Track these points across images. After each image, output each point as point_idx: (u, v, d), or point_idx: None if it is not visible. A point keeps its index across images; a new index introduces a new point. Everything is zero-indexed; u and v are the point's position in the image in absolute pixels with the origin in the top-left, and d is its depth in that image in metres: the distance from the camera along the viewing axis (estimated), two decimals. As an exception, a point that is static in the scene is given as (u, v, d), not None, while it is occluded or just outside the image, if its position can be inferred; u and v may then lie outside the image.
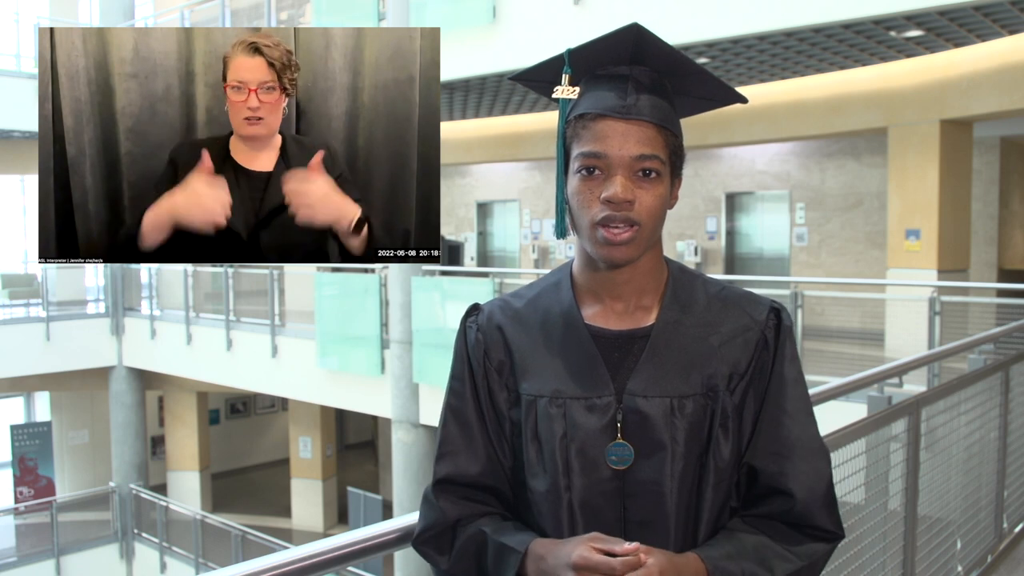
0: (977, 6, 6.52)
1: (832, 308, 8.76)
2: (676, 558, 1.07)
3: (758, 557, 1.12)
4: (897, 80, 8.83)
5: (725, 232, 12.52)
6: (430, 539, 1.21)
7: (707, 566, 1.08)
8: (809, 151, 11.58)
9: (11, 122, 12.79)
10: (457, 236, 15.33)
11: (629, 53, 1.16)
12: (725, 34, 7.16)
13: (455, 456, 1.21)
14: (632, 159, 1.12)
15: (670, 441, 1.14)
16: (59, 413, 15.74)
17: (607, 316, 1.20)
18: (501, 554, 1.13)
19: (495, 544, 1.15)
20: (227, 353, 11.62)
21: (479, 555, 1.17)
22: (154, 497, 13.02)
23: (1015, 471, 4.21)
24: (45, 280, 13.52)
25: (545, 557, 1.09)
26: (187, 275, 12.24)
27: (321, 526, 14.72)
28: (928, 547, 3.17)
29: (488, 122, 13.17)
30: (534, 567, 1.10)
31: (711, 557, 1.10)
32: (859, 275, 10.89)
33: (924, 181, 8.71)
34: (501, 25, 8.39)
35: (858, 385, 3.10)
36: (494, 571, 1.14)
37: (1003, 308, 7.12)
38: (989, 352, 4.72)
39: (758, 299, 1.24)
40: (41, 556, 12.37)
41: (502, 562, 1.13)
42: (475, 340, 1.24)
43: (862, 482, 2.63)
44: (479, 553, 1.17)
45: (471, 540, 1.18)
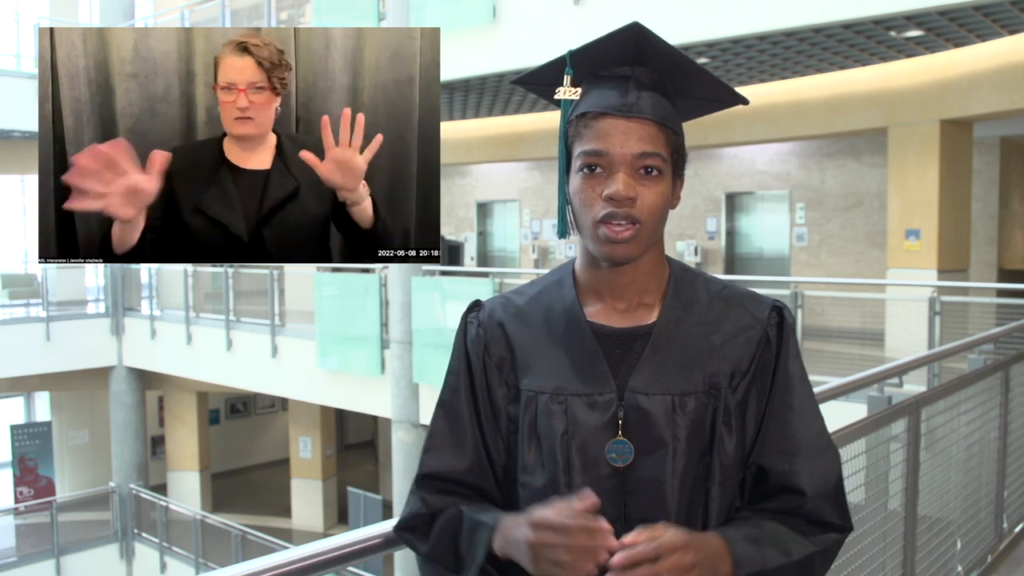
0: (977, 6, 6.52)
1: (832, 308, 8.76)
2: (696, 533, 1.07)
3: (775, 540, 1.12)
4: (897, 80, 8.83)
5: (725, 232, 12.52)
6: (411, 526, 1.23)
7: (729, 544, 1.09)
8: (809, 151, 11.58)
9: (11, 122, 12.79)
10: (457, 236, 15.33)
11: (630, 53, 1.16)
12: (725, 34, 7.16)
13: (442, 451, 1.22)
14: (634, 157, 1.12)
15: (671, 439, 1.14)
16: (59, 413, 15.74)
17: (609, 314, 1.20)
18: (474, 529, 1.15)
19: (469, 521, 1.16)
20: (227, 353, 11.62)
21: (455, 535, 1.18)
22: (154, 497, 13.02)
23: (1015, 471, 4.20)
24: (45, 280, 13.52)
25: (511, 528, 1.10)
26: (187, 275, 12.25)
27: (321, 526, 14.72)
28: (928, 547, 3.17)
29: (488, 122, 13.17)
30: (500, 539, 1.11)
31: (731, 537, 1.10)
32: (859, 275, 10.89)
33: (924, 181, 8.71)
34: (501, 25, 8.39)
35: (858, 385, 3.10)
36: (467, 548, 1.15)
37: (1003, 308, 7.12)
38: (989, 352, 4.72)
39: (760, 298, 1.24)
40: (41, 556, 12.38)
41: (473, 538, 1.14)
42: (476, 336, 1.24)
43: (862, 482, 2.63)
44: (455, 534, 1.18)
45: (449, 522, 1.19)
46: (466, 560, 1.15)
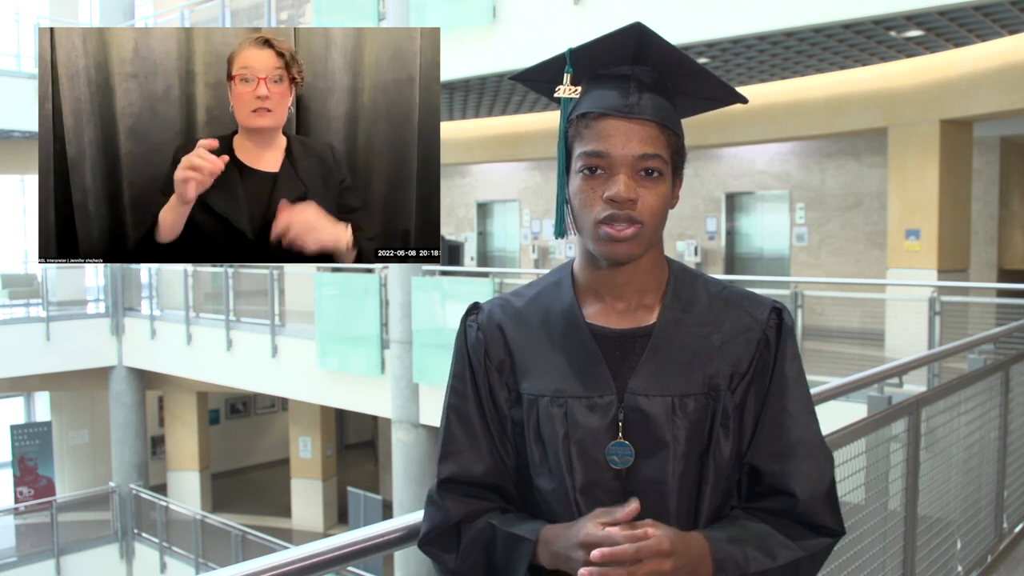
0: (977, 6, 6.51)
1: (832, 308, 8.76)
2: (683, 534, 1.08)
3: (760, 543, 1.12)
4: (897, 80, 8.82)
5: (725, 232, 12.52)
6: (436, 539, 1.21)
7: (711, 545, 1.09)
8: (809, 151, 11.58)
9: (11, 122, 12.79)
10: (457, 236, 15.33)
11: (631, 53, 1.16)
12: (725, 34, 7.15)
13: (458, 456, 1.21)
14: (635, 158, 1.12)
15: (672, 440, 1.14)
16: (59, 413, 15.74)
17: (608, 315, 1.20)
18: (512, 544, 1.14)
19: (505, 535, 1.15)
20: (227, 353, 11.62)
21: (488, 549, 1.17)
22: (154, 497, 13.01)
23: (1015, 471, 4.20)
24: (45, 280, 13.52)
25: (556, 540, 1.10)
26: (187, 275, 12.24)
27: (321, 526, 14.72)
28: (928, 547, 3.17)
29: (488, 122, 13.17)
30: (545, 552, 1.11)
31: (715, 537, 1.10)
32: (859, 275, 10.89)
33: (924, 181, 8.71)
34: (501, 25, 8.39)
35: (858, 385, 3.10)
36: (506, 562, 1.14)
37: (1003, 308, 7.11)
38: (989, 352, 4.72)
39: (759, 299, 1.24)
40: (41, 556, 12.37)
41: (514, 552, 1.13)
42: (475, 339, 1.24)
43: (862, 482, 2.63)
44: (488, 547, 1.17)
45: (480, 534, 1.18)
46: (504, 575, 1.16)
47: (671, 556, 1.03)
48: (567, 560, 1.08)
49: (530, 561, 1.12)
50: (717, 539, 1.10)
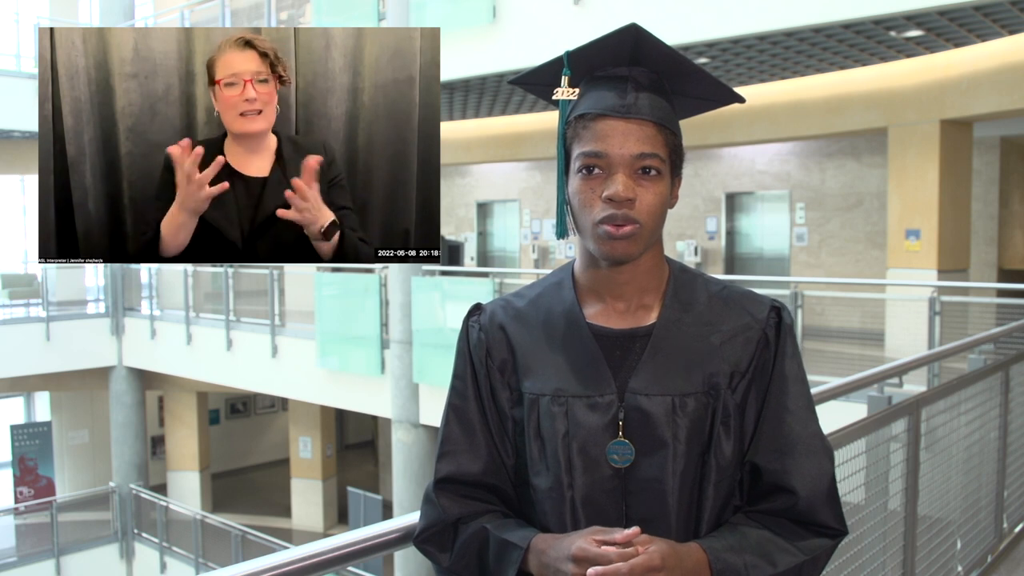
0: (977, 6, 6.51)
1: (832, 308, 8.76)
2: (678, 547, 1.08)
3: (760, 550, 1.12)
4: (897, 80, 8.82)
5: (725, 232, 12.52)
6: (431, 537, 1.22)
7: (709, 556, 1.09)
8: (809, 151, 11.58)
9: (11, 122, 12.79)
10: (457, 236, 15.33)
11: (628, 54, 1.17)
12: (725, 34, 7.15)
13: (457, 455, 1.22)
14: (633, 158, 1.12)
15: (672, 439, 1.15)
16: (59, 413, 15.74)
17: (608, 315, 1.20)
18: (503, 550, 1.14)
19: (497, 540, 1.15)
20: (227, 353, 11.62)
21: (481, 552, 1.18)
22: (154, 497, 13.01)
23: (1015, 471, 4.20)
24: (45, 280, 13.52)
25: (546, 551, 1.10)
26: (187, 275, 12.24)
27: (321, 526, 14.72)
28: (928, 547, 3.17)
29: (488, 122, 13.17)
30: (535, 561, 1.11)
31: (713, 548, 1.10)
32: (859, 275, 10.89)
33: (924, 181, 8.71)
34: (501, 25, 8.39)
35: (858, 385, 3.10)
36: (496, 567, 1.15)
37: (1003, 308, 7.11)
38: (989, 352, 4.72)
39: (759, 298, 1.24)
40: (41, 556, 12.37)
41: (504, 558, 1.14)
42: (477, 339, 1.24)
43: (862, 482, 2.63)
44: (481, 550, 1.18)
45: (473, 537, 1.18)
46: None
47: (662, 571, 1.03)
48: (556, 572, 1.08)
49: (519, 568, 1.12)
50: (715, 549, 1.10)
